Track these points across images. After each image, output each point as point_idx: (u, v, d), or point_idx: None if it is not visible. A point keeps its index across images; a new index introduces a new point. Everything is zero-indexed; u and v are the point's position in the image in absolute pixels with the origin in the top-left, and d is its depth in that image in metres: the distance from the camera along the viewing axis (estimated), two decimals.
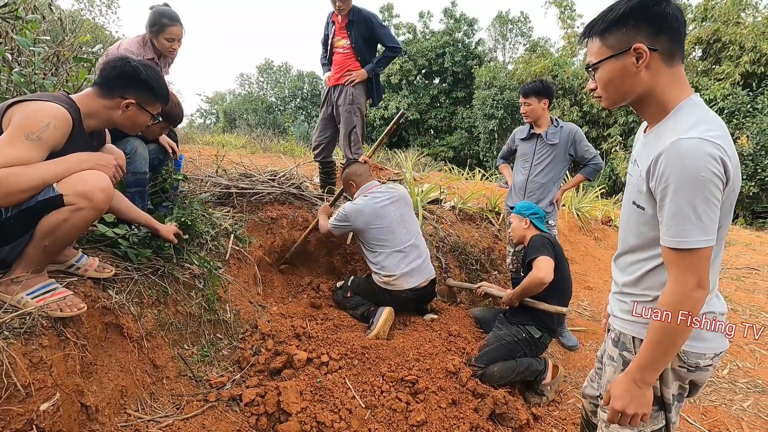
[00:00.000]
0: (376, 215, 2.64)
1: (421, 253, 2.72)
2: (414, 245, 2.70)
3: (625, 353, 1.17)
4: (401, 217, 2.72)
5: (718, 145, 0.93)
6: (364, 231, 2.66)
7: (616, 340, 1.21)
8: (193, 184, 3.11)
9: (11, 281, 1.35)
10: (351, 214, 2.65)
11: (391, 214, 2.68)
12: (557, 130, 2.94)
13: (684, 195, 0.94)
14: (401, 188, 2.89)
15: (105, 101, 1.50)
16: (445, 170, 8.14)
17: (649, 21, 1.00)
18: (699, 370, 1.10)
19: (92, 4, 13.53)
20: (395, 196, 2.76)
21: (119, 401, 1.58)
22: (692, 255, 0.96)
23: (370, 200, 2.69)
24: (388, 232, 2.65)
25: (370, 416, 1.85)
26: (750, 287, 4.41)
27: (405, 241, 2.67)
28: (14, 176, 1.23)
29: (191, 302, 2.08)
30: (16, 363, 1.21)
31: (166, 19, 2.53)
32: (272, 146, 9.77)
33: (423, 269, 2.69)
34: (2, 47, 2.28)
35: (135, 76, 1.53)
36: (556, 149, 2.93)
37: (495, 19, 21.77)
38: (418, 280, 2.64)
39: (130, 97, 1.52)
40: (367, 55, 3.44)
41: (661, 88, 1.03)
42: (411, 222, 2.79)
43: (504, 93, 16.29)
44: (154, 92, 1.59)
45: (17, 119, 1.29)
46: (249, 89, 27.31)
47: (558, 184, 3.01)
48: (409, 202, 2.85)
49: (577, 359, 2.90)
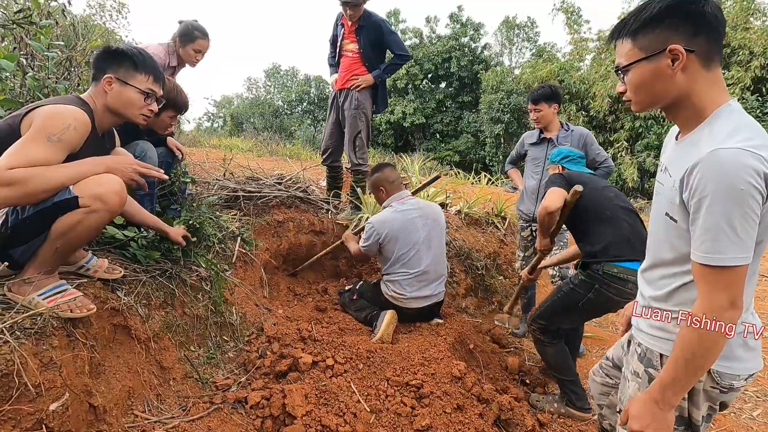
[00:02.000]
0: (402, 228, 2.56)
1: (436, 278, 2.65)
2: (432, 270, 2.62)
3: (651, 370, 1.11)
4: (427, 238, 2.61)
5: (759, 156, 0.87)
6: (388, 243, 2.58)
7: (642, 355, 1.14)
8: (200, 187, 3.14)
9: (23, 282, 1.38)
10: (377, 225, 2.58)
11: (419, 231, 2.59)
12: (568, 134, 2.94)
13: (720, 209, 0.88)
14: (435, 207, 2.78)
15: (96, 89, 1.52)
16: (451, 174, 8.14)
17: (687, 20, 0.93)
18: (732, 391, 1.05)
19: (103, 9, 13.77)
20: (427, 213, 2.65)
21: (126, 402, 1.59)
22: (727, 273, 0.90)
23: (398, 212, 2.61)
24: (410, 250, 2.57)
25: (374, 420, 1.84)
26: (758, 294, 4.36)
27: (424, 265, 2.58)
28: (35, 177, 1.26)
29: (198, 304, 2.10)
30: (27, 363, 1.23)
31: (198, 32, 2.76)
32: (279, 150, 9.83)
33: (434, 295, 2.64)
34: (18, 52, 2.32)
35: (111, 52, 1.53)
36: None
37: (501, 23, 21.81)
38: (427, 302, 2.62)
39: (109, 72, 1.51)
40: (374, 60, 3.45)
41: (697, 92, 0.97)
42: (437, 245, 2.66)
43: (510, 97, 16.29)
44: (132, 60, 1.53)
45: (39, 121, 1.32)
46: (256, 93, 27.55)
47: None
48: (441, 224, 2.72)
49: (584, 365, 2.88)
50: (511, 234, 4.34)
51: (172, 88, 2.12)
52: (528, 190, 3.10)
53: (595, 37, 17.22)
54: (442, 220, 2.73)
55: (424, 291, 2.59)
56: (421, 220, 2.61)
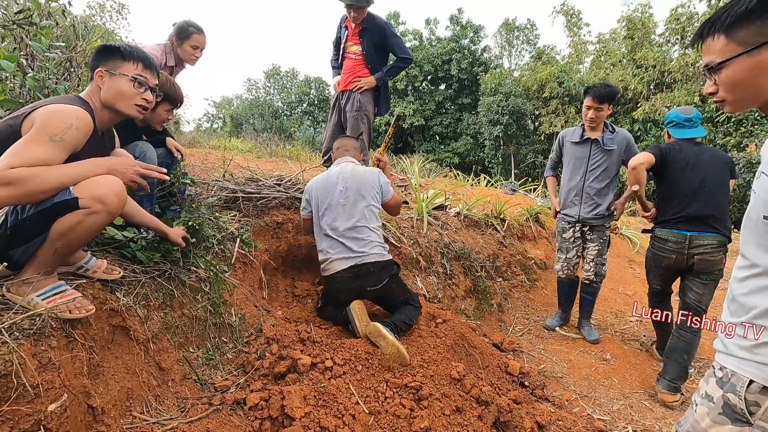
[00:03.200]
0: (323, 187, 2.54)
1: (360, 238, 2.47)
2: (352, 229, 2.48)
3: (731, 395, 0.98)
4: (344, 195, 2.52)
5: None
6: (313, 202, 2.57)
7: (724, 380, 1.01)
8: (200, 188, 3.14)
9: (22, 282, 1.37)
10: (307, 186, 2.61)
11: (336, 188, 2.53)
12: (614, 136, 2.94)
13: None
14: (360, 168, 2.66)
15: (92, 88, 1.54)
16: (451, 176, 8.14)
17: None
18: None
19: (103, 9, 13.76)
20: (348, 174, 2.58)
21: (125, 403, 1.59)
22: None
23: (324, 174, 2.62)
24: (327, 209, 2.52)
25: (373, 422, 1.84)
26: None
27: (340, 224, 2.49)
28: (36, 177, 1.26)
29: (197, 305, 2.09)
30: (26, 363, 1.23)
31: (193, 28, 2.82)
32: (278, 151, 9.82)
33: (358, 254, 2.45)
34: (18, 53, 2.32)
35: (101, 48, 1.55)
36: (612, 155, 2.93)
37: (501, 26, 21.88)
38: (351, 262, 2.44)
39: (100, 66, 1.53)
40: (377, 62, 3.46)
41: None
42: (354, 204, 2.51)
43: (509, 99, 16.33)
44: (119, 52, 1.54)
45: (40, 120, 1.32)
46: (256, 94, 27.58)
47: (613, 189, 3.03)
48: (362, 182, 2.56)
49: (583, 366, 2.88)
50: (510, 236, 4.34)
51: (165, 80, 2.13)
52: (570, 190, 3.07)
53: (594, 40, 17.30)
54: (366, 179, 2.58)
55: (347, 253, 2.46)
56: (342, 182, 2.56)
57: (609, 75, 14.65)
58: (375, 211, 2.58)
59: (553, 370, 2.78)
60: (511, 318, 3.55)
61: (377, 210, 2.60)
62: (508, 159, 17.43)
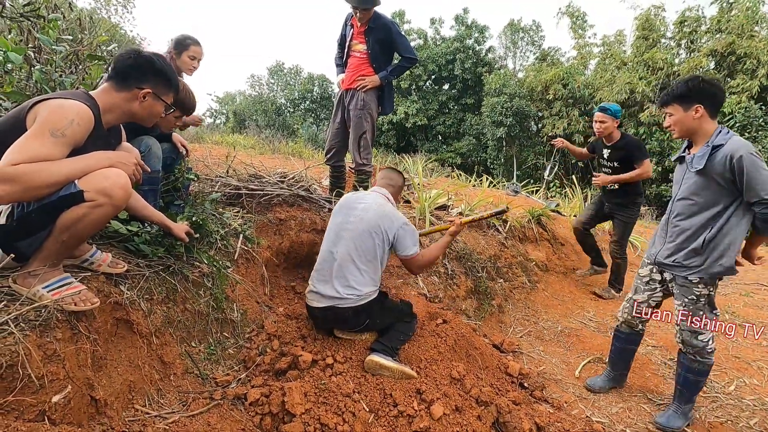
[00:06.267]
0: (347, 202, 2.43)
1: (338, 277, 2.22)
2: (332, 265, 2.25)
3: None
4: (340, 227, 2.31)
5: None
6: (333, 212, 2.48)
7: None
8: (203, 184, 3.15)
9: (28, 274, 1.38)
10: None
11: (336, 217, 2.39)
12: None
13: None
14: (378, 208, 2.32)
15: (122, 94, 1.53)
16: (453, 176, 8.15)
17: None
18: None
19: (109, 3, 13.75)
20: (358, 205, 2.36)
21: (127, 396, 1.60)
22: None
23: (357, 193, 2.55)
24: (325, 240, 2.37)
25: (373, 420, 1.85)
26: (758, 303, 4.36)
27: (324, 253, 2.32)
28: (38, 172, 1.26)
29: (200, 300, 2.11)
30: (31, 355, 1.24)
31: (191, 40, 2.98)
32: (281, 148, 9.84)
33: (328, 297, 2.22)
34: (25, 45, 2.33)
35: (150, 65, 1.56)
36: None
37: (506, 26, 21.77)
38: (320, 303, 2.25)
39: (147, 86, 1.55)
40: (382, 61, 3.46)
41: None
42: (348, 239, 2.26)
43: (513, 101, 16.28)
44: (169, 81, 1.62)
45: (43, 116, 1.32)
46: (259, 90, 27.54)
47: None
48: (367, 221, 2.27)
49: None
50: (512, 237, 4.34)
51: (182, 89, 2.15)
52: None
53: (599, 42, 17.23)
54: (383, 223, 2.27)
55: (320, 287, 2.26)
56: (363, 211, 2.32)
57: (615, 78, 14.60)
58: (375, 253, 2.28)
59: (552, 372, 2.78)
60: (511, 319, 3.56)
61: (379, 254, 2.29)
62: (511, 160, 17.39)
